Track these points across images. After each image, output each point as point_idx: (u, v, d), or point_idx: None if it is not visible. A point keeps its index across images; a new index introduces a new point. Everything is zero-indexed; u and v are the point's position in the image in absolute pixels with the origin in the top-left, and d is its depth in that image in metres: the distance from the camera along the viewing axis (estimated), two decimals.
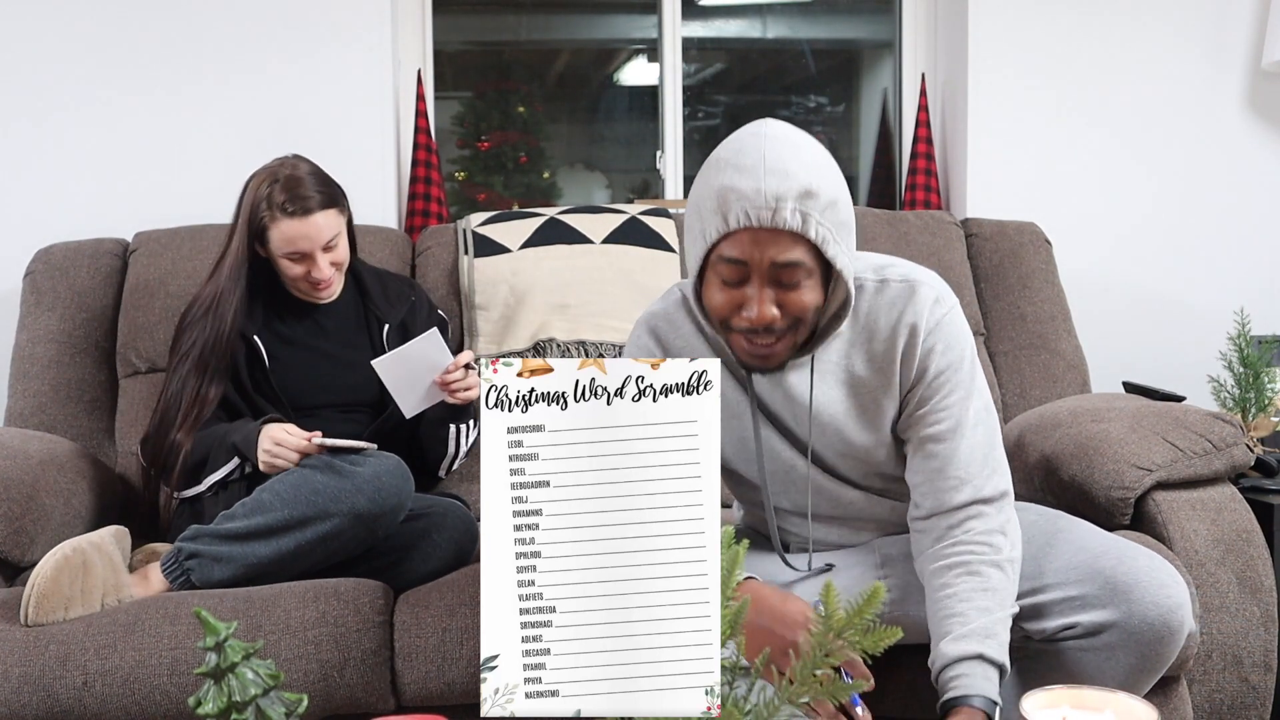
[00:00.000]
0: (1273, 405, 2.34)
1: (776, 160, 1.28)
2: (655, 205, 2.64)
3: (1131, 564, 1.38)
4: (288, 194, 1.93)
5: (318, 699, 1.61)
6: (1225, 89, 2.83)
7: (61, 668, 1.56)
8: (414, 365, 1.91)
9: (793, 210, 1.26)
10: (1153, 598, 1.35)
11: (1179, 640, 1.37)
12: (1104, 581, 1.37)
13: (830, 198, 1.29)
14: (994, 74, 2.78)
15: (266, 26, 2.60)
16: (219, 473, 1.91)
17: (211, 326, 1.96)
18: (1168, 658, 1.38)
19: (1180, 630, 1.36)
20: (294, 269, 1.98)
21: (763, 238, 1.28)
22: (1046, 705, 0.96)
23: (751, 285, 1.31)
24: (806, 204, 1.27)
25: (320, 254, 1.97)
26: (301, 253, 1.96)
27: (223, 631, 0.88)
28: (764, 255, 1.29)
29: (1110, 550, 1.40)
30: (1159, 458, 1.78)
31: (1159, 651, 1.36)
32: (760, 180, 1.26)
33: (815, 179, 1.28)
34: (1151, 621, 1.34)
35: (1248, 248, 2.84)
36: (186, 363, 1.96)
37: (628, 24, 3.51)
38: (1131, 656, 1.36)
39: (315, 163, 2.02)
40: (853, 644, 0.90)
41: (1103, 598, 1.37)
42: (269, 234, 1.95)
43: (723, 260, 1.31)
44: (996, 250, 2.49)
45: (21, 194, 2.57)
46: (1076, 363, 2.40)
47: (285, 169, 1.97)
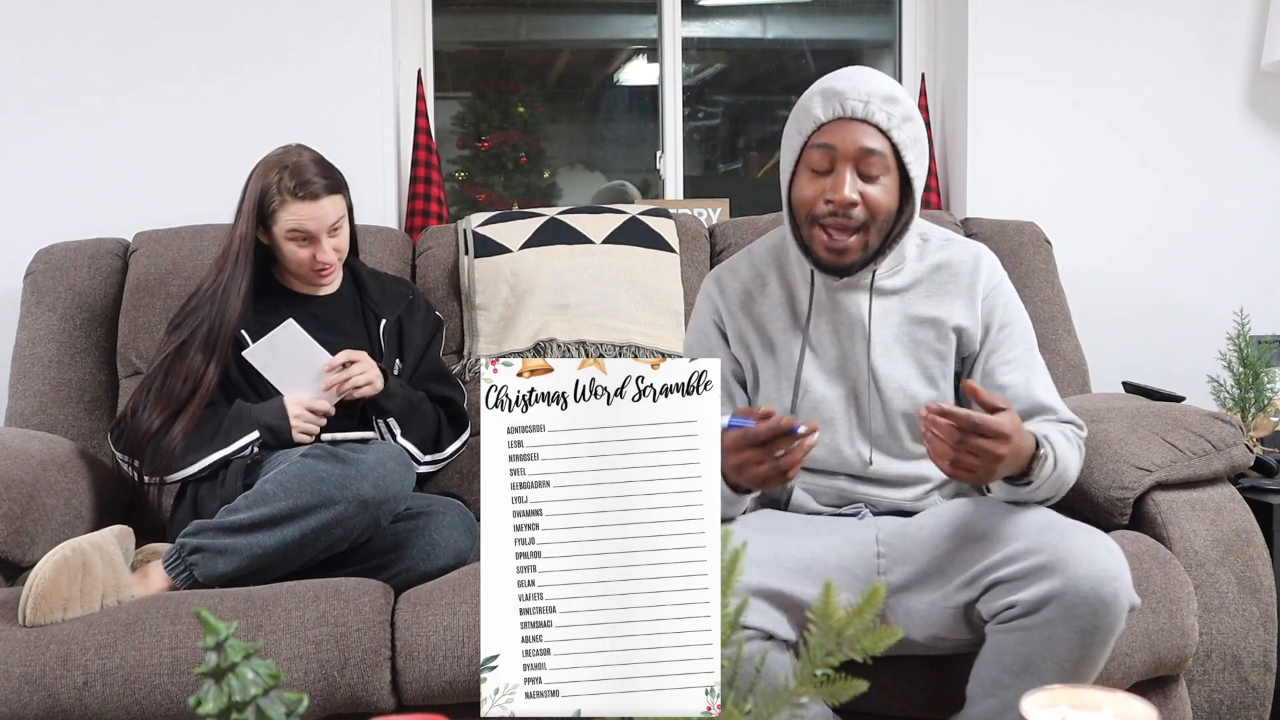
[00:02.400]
0: (1272, 405, 2.35)
1: (868, 77, 1.55)
2: (655, 205, 2.64)
3: (1067, 539, 1.39)
4: (296, 179, 1.98)
5: (318, 699, 1.61)
6: (1225, 89, 2.83)
7: (62, 667, 1.56)
8: (286, 357, 1.97)
9: (879, 108, 1.51)
10: (1086, 570, 1.35)
11: (1117, 612, 1.37)
12: (1040, 558, 1.38)
13: (909, 112, 1.54)
14: (994, 74, 2.78)
15: (267, 27, 2.60)
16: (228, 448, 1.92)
17: (217, 312, 1.98)
18: (1107, 630, 1.38)
19: (1115, 600, 1.36)
20: (299, 253, 2.01)
21: (852, 126, 1.52)
22: (1045, 705, 0.96)
23: (837, 169, 1.53)
24: (890, 108, 1.52)
25: (325, 237, 2.01)
26: (307, 234, 1.99)
27: (223, 631, 0.88)
28: (852, 140, 1.52)
29: (1048, 528, 1.42)
30: (1158, 458, 1.78)
31: (1097, 624, 1.36)
32: (853, 84, 1.53)
33: (897, 90, 1.54)
34: (1085, 594, 1.35)
35: (1248, 248, 2.84)
36: (192, 344, 1.97)
37: (628, 24, 3.51)
38: (1070, 631, 1.36)
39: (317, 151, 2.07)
40: (853, 645, 0.90)
41: (1038, 573, 1.37)
42: (278, 216, 1.98)
43: (814, 148, 1.54)
44: (996, 250, 2.46)
45: (21, 194, 2.57)
46: (1076, 363, 2.40)
47: (291, 156, 2.01)
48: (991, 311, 1.64)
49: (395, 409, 2.02)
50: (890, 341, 1.63)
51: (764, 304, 1.68)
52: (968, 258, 1.66)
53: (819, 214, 1.55)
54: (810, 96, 1.56)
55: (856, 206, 1.53)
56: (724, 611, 0.95)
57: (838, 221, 1.54)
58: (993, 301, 1.64)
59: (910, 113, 1.54)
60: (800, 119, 1.56)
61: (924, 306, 1.64)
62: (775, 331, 1.67)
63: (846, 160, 1.53)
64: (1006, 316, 1.64)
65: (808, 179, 1.56)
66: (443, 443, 2.09)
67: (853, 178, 1.53)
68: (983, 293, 1.64)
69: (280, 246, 2.02)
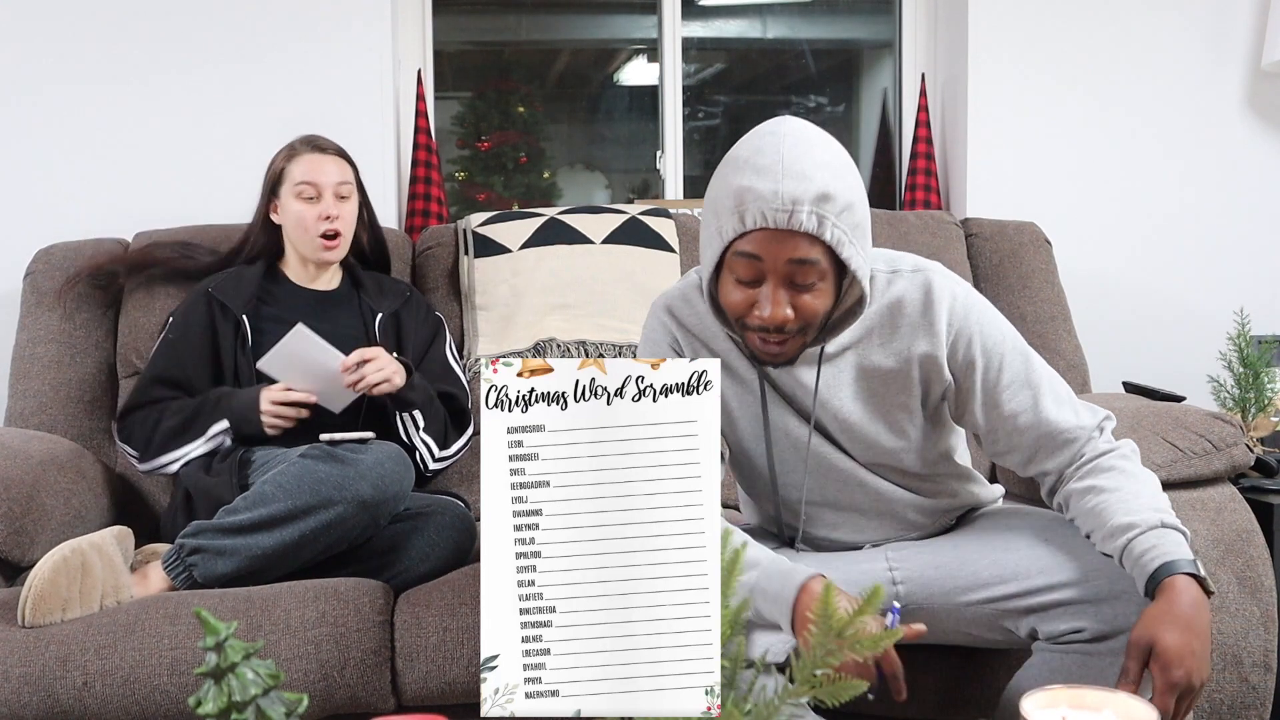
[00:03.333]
0: (1273, 405, 2.34)
1: (794, 162, 1.30)
2: (655, 205, 2.64)
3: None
4: (306, 138, 2.14)
5: (318, 699, 1.61)
6: (1225, 89, 2.83)
7: (61, 668, 1.56)
8: (299, 363, 1.95)
9: (809, 213, 1.29)
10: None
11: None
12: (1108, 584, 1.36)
13: (846, 201, 1.31)
14: (994, 74, 2.78)
15: (266, 27, 2.60)
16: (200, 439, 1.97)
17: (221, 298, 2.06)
18: None
19: None
20: (306, 212, 2.07)
21: (779, 237, 1.30)
22: (1046, 705, 0.96)
23: (766, 285, 1.34)
24: (823, 207, 1.29)
25: (331, 194, 2.08)
26: (314, 186, 2.06)
27: (223, 631, 0.88)
28: (779, 254, 1.31)
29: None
30: (1159, 458, 1.78)
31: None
32: (778, 182, 1.29)
33: (832, 182, 1.30)
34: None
35: (1248, 248, 2.84)
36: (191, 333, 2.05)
37: (628, 24, 3.51)
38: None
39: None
40: (854, 645, 0.90)
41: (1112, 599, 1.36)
42: (288, 172, 2.09)
43: (738, 256, 1.33)
44: (996, 250, 2.49)
45: (21, 194, 2.57)
46: (1076, 363, 2.40)
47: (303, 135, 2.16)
48: (969, 347, 1.44)
49: (419, 400, 2.02)
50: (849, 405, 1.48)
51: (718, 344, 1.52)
52: (917, 293, 1.44)
53: (749, 323, 1.38)
54: (727, 191, 1.33)
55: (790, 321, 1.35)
56: (724, 611, 0.95)
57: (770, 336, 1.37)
58: (966, 336, 1.44)
59: (849, 198, 1.32)
60: (720, 217, 1.34)
61: (879, 355, 1.46)
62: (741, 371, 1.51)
63: (775, 275, 1.33)
64: (987, 343, 1.44)
65: (732, 284, 1.36)
66: (448, 440, 2.09)
67: (783, 293, 1.34)
68: (946, 330, 1.44)
69: (288, 210, 2.08)
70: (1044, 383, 1.45)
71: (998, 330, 1.45)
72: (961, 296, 1.45)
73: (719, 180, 1.36)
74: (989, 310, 1.47)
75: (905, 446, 1.50)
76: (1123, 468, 1.41)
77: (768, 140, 1.33)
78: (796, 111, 3.44)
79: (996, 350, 1.44)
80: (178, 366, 2.03)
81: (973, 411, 1.47)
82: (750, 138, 1.36)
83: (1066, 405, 1.45)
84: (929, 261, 1.48)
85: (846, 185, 1.32)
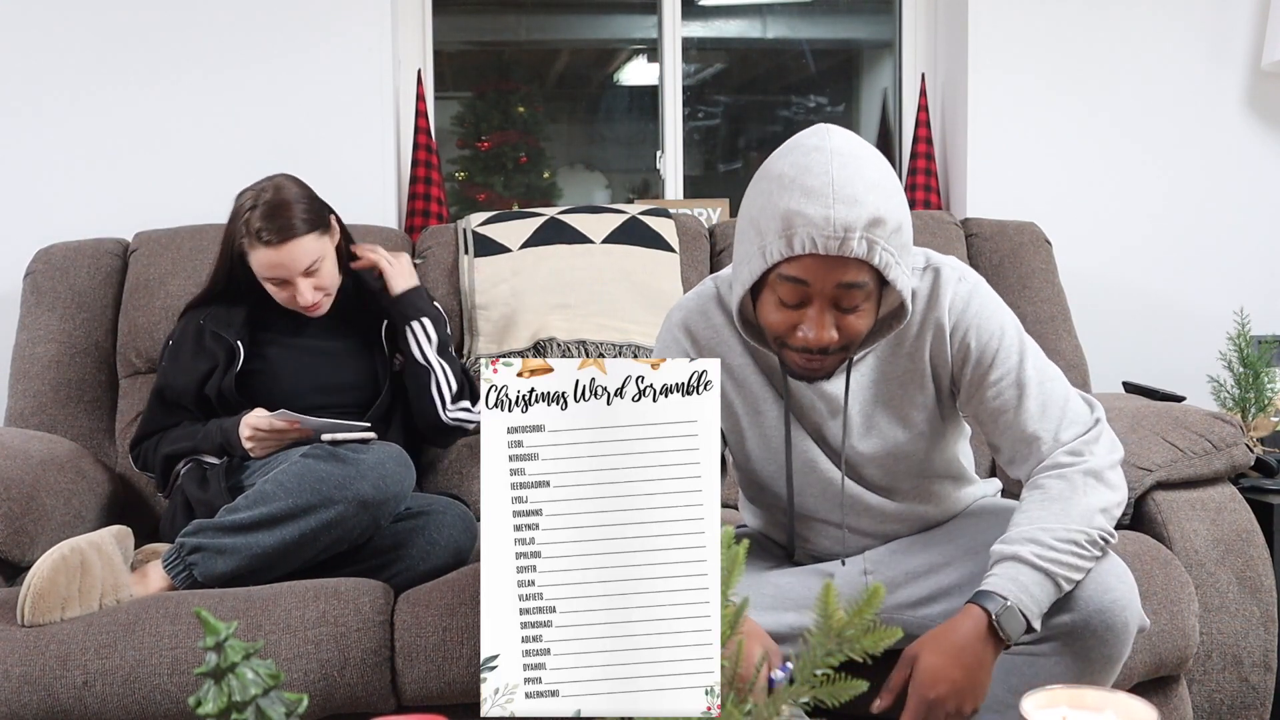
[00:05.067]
0: (1273, 405, 2.34)
1: (845, 184, 1.26)
2: (655, 205, 2.64)
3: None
4: (265, 221, 1.92)
5: (318, 699, 1.61)
6: (1225, 89, 2.83)
7: (61, 667, 1.56)
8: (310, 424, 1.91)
9: (860, 239, 1.25)
10: (1097, 602, 1.33)
11: (1126, 639, 1.35)
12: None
13: (896, 222, 1.28)
14: (994, 74, 2.78)
15: (266, 27, 2.60)
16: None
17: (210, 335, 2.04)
18: (1119, 656, 1.36)
19: (1125, 628, 1.34)
20: (279, 293, 2.01)
21: (828, 263, 1.27)
22: (1045, 705, 0.96)
23: (812, 307, 1.31)
24: (874, 232, 1.26)
25: (301, 279, 1.97)
26: (281, 279, 1.98)
27: (223, 631, 0.88)
28: (828, 279, 1.28)
29: None
30: (1159, 458, 1.78)
31: (1107, 654, 1.35)
32: (829, 208, 1.25)
33: (883, 204, 1.27)
34: (1095, 626, 1.33)
35: (1248, 248, 2.84)
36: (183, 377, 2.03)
37: (628, 24, 3.51)
38: (1080, 660, 1.35)
39: (303, 182, 2.01)
40: (853, 645, 0.91)
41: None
42: (249, 259, 1.98)
43: (784, 280, 1.30)
44: (996, 250, 2.49)
45: (21, 194, 2.57)
46: (1076, 363, 2.40)
47: (267, 193, 1.96)
48: (965, 336, 1.42)
49: (428, 310, 2.07)
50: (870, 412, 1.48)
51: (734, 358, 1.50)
52: (925, 288, 1.43)
53: (791, 344, 1.35)
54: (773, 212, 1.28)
55: (835, 342, 1.33)
56: (724, 611, 0.95)
57: (813, 357, 1.35)
58: (964, 327, 1.42)
59: (899, 219, 1.29)
60: (764, 237, 1.29)
61: (895, 355, 1.45)
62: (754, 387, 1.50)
63: (822, 298, 1.30)
64: (983, 339, 1.42)
65: (774, 305, 1.34)
66: (463, 393, 2.08)
67: (829, 315, 1.32)
68: (947, 319, 1.42)
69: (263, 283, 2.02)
70: (1032, 384, 1.41)
71: (997, 323, 1.42)
72: (964, 290, 1.43)
73: (761, 196, 1.32)
74: (990, 302, 1.44)
75: (919, 444, 1.49)
76: (1047, 486, 1.37)
77: (815, 159, 1.28)
78: (796, 111, 3.44)
79: (991, 344, 1.42)
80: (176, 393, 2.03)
81: (963, 403, 1.47)
82: (793, 152, 1.31)
83: (1052, 412, 1.41)
84: (944, 257, 1.47)
85: (895, 205, 1.29)
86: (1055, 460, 1.39)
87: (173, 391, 2.03)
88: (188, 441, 1.99)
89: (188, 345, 2.05)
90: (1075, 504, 1.34)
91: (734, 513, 1.89)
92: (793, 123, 3.47)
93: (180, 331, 2.08)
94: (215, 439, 1.95)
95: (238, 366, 2.00)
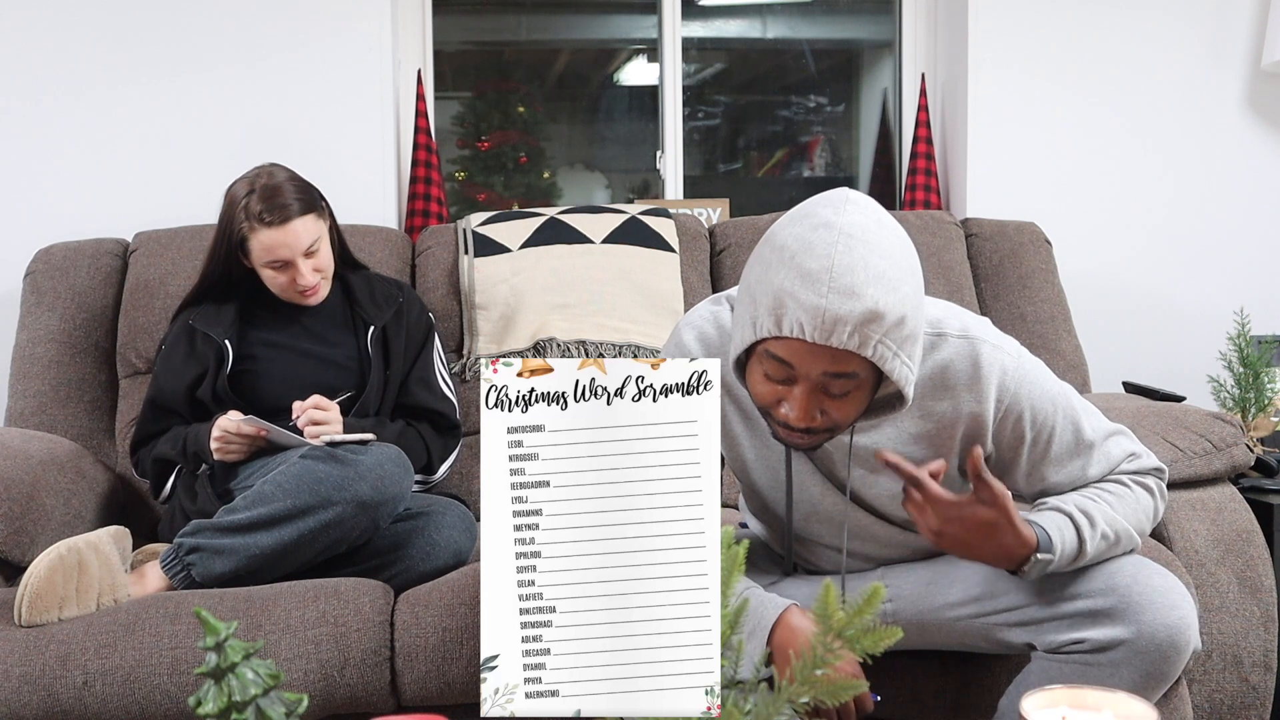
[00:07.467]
0: (1273, 405, 2.35)
1: (844, 273, 1.18)
2: (655, 205, 2.64)
3: (1146, 582, 1.36)
4: (264, 203, 1.94)
5: (318, 699, 1.60)
6: (1225, 89, 2.83)
7: (61, 667, 1.56)
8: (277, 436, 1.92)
9: (852, 333, 1.18)
10: (1164, 618, 1.33)
11: (1184, 658, 1.36)
12: (1118, 598, 1.36)
13: (898, 316, 1.20)
14: (994, 74, 2.78)
15: (266, 26, 2.60)
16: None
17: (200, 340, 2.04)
18: (1171, 675, 1.37)
19: (1186, 649, 1.35)
20: (278, 278, 2.00)
21: (816, 349, 1.21)
22: (1045, 705, 0.96)
23: (798, 387, 1.26)
24: (869, 327, 1.19)
25: (302, 260, 1.98)
26: (283, 260, 1.97)
27: (223, 631, 0.88)
28: (814, 365, 1.23)
29: (1125, 566, 1.39)
30: (1159, 458, 1.78)
31: (1163, 670, 1.35)
32: (822, 297, 1.18)
33: (883, 298, 1.19)
34: (1160, 642, 1.33)
35: (1248, 248, 2.84)
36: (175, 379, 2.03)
37: (628, 24, 3.51)
38: (1136, 674, 1.35)
39: (292, 169, 2.03)
40: (852, 645, 0.90)
41: (1115, 614, 1.35)
42: (249, 244, 1.97)
43: (769, 356, 1.25)
44: (996, 250, 2.49)
45: (21, 194, 2.57)
46: (1076, 363, 2.40)
47: (261, 178, 1.97)
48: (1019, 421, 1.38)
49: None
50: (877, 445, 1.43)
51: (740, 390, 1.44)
52: (964, 363, 1.37)
53: (775, 416, 1.30)
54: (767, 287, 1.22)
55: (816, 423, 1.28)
56: (724, 611, 0.95)
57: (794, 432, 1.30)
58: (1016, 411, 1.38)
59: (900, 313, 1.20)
60: (756, 307, 1.24)
61: (917, 420, 1.40)
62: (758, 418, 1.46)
63: (807, 381, 1.25)
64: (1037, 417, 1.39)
65: (760, 376, 1.28)
66: (434, 464, 2.09)
67: (814, 399, 1.26)
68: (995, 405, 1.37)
69: (260, 271, 2.01)
70: (1095, 448, 1.41)
71: (1049, 401, 1.39)
72: (1012, 370, 1.37)
73: (761, 264, 1.26)
74: (1040, 378, 1.40)
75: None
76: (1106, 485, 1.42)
77: (821, 236, 1.21)
78: (796, 111, 3.44)
79: (1047, 424, 1.39)
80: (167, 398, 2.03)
81: (1014, 477, 1.44)
82: (803, 222, 1.24)
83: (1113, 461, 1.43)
84: (976, 322, 1.41)
85: (900, 298, 1.20)
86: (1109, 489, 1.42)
87: (164, 397, 2.03)
88: (171, 448, 2.00)
89: (179, 349, 2.04)
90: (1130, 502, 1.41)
91: (734, 513, 1.89)
92: (793, 123, 3.47)
93: (173, 335, 2.08)
94: (190, 445, 1.95)
95: (228, 368, 2.00)
